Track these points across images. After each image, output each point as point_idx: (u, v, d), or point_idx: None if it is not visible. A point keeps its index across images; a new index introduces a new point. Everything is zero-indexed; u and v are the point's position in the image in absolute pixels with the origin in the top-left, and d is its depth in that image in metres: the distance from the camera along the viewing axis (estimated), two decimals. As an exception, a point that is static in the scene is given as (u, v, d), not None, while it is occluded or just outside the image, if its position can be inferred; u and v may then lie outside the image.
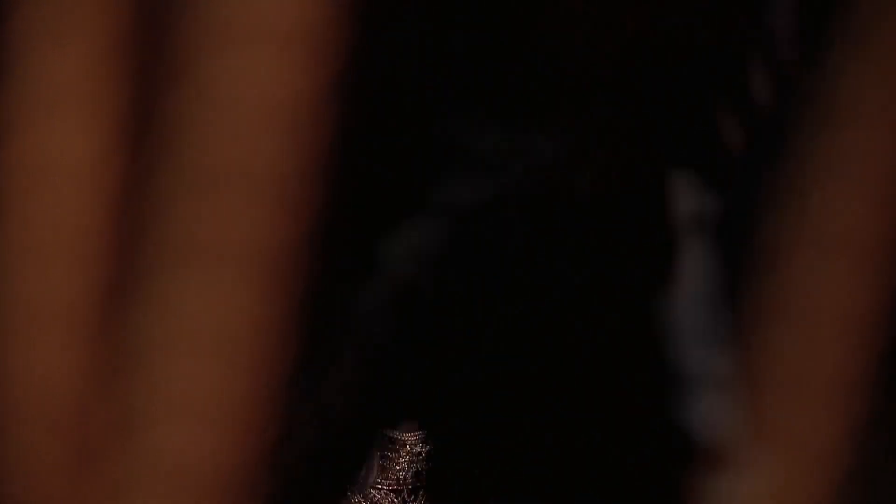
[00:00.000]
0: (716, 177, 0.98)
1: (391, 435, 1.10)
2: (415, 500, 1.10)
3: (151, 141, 0.88)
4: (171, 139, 0.87)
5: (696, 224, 0.94)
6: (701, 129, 1.01)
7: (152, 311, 1.01)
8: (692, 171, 1.01)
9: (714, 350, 0.91)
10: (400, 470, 1.10)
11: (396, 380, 1.02)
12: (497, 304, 0.83)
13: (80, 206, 0.79)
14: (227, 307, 0.90)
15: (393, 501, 1.10)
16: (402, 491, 1.10)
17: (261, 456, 1.08)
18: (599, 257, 0.84)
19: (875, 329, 0.76)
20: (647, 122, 1.00)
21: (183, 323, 1.06)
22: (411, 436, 1.10)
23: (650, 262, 0.85)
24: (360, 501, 1.08)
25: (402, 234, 0.91)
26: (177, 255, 1.04)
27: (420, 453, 1.10)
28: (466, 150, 0.82)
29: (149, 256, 0.92)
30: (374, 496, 1.09)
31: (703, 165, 1.02)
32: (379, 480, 1.09)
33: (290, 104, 0.86)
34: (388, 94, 1.06)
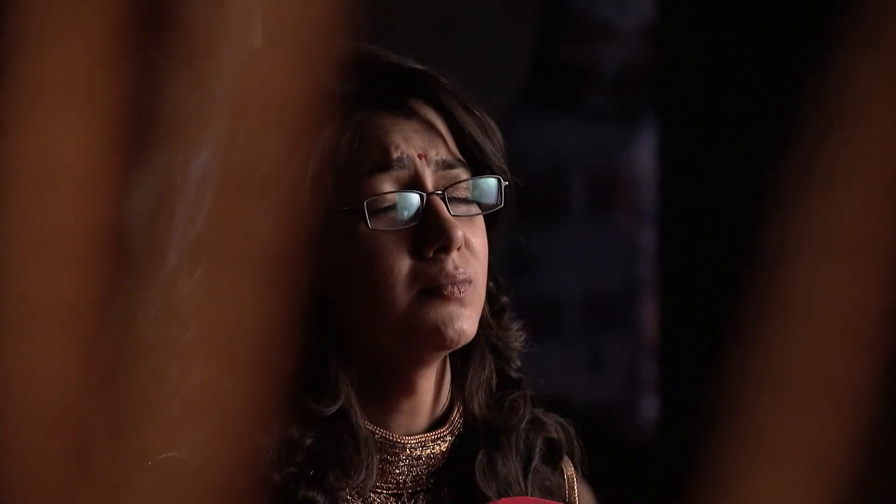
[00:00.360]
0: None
1: (390, 438, 1.10)
2: None
3: (151, 139, 0.88)
4: (171, 138, 0.88)
5: None
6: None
7: (151, 313, 1.01)
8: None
9: None
10: (399, 474, 1.10)
11: None
12: None
13: (79, 206, 0.79)
14: (228, 309, 0.90)
15: None
16: (401, 495, 1.10)
17: (258, 456, 1.07)
18: None
19: (881, 330, 0.76)
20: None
21: (183, 324, 1.06)
22: (411, 439, 1.10)
23: None
24: (359, 505, 1.08)
25: None
26: (176, 255, 1.04)
27: (420, 457, 1.10)
28: None
29: (147, 256, 0.92)
30: (374, 500, 1.09)
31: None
32: (378, 484, 1.09)
33: (294, 104, 0.86)
34: None
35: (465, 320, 1.07)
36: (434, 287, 1.06)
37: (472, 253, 1.08)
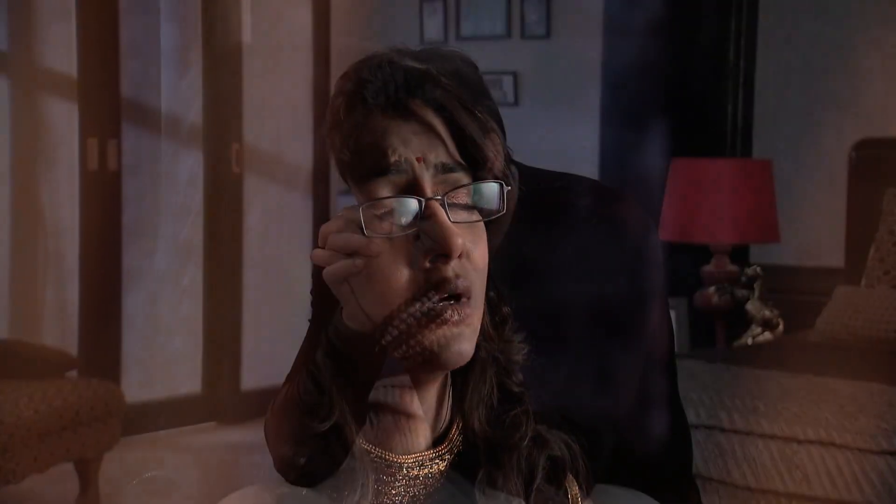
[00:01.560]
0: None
1: (387, 457, 1.09)
2: None
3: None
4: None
5: None
6: None
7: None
8: None
9: None
10: (396, 494, 1.09)
11: None
12: None
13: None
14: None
15: None
16: (397, 515, 1.10)
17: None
18: None
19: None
20: None
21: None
22: (408, 458, 1.10)
23: None
24: (354, 525, 1.08)
25: None
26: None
27: (417, 476, 1.10)
28: None
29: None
30: (369, 520, 1.08)
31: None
32: (373, 504, 1.09)
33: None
34: None
35: (465, 341, 1.05)
36: (432, 307, 1.04)
37: (471, 263, 1.05)
